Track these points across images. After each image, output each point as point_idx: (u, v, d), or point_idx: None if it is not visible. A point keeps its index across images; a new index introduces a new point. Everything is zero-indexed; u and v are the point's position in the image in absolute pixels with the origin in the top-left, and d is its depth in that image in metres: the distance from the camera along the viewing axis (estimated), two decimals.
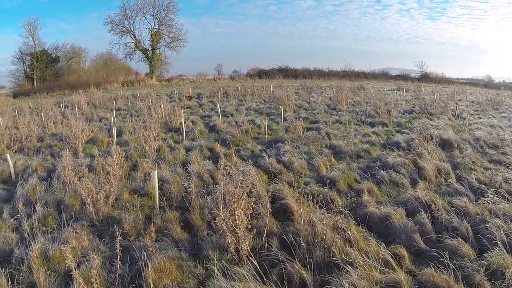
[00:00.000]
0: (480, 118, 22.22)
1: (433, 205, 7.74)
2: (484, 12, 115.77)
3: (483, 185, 9.22)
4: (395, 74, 75.41)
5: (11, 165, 11.79)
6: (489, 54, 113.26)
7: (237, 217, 6.06)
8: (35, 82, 65.00)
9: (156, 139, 13.35)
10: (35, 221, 7.60)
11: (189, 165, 10.81)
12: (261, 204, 7.61)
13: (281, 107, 20.33)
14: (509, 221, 7.04)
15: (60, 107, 32.75)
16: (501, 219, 7.09)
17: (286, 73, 67.51)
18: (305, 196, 7.70)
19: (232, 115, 21.82)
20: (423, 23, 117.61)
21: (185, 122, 17.27)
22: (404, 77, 72.01)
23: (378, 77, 71.47)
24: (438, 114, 21.78)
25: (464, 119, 19.20)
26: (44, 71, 66.55)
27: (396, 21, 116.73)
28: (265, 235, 6.64)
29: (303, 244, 6.17)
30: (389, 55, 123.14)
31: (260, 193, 7.77)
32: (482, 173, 10.45)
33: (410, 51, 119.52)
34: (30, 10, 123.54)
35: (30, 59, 66.63)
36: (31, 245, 6.56)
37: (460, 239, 6.44)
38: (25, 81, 66.06)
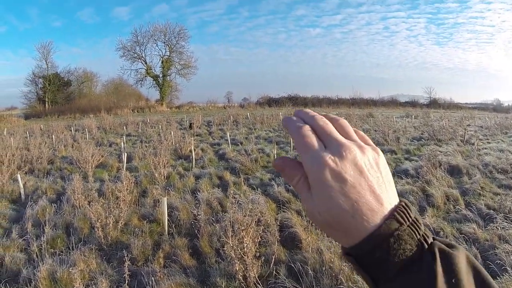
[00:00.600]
0: (489, 143, 22.25)
1: (441, 232, 7.78)
2: (491, 36, 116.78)
3: (492, 211, 9.21)
4: (404, 101, 75.90)
5: (21, 185, 11.92)
6: (497, 78, 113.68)
7: (245, 245, 6.11)
8: (46, 105, 66.01)
9: (166, 166, 13.46)
10: (43, 243, 7.68)
11: (198, 193, 10.85)
12: (270, 232, 7.65)
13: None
14: None
15: (70, 130, 33.12)
16: (510, 245, 7.05)
17: (295, 101, 68.07)
18: (313, 224, 7.71)
19: (241, 143, 21.88)
20: (431, 49, 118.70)
21: (194, 150, 17.39)
22: (413, 104, 72.41)
23: (387, 104, 71.86)
24: (447, 140, 21.80)
25: (473, 144, 19.26)
26: (56, 94, 67.70)
27: (405, 48, 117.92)
28: (273, 263, 6.65)
29: (310, 272, 6.18)
30: (398, 82, 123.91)
31: (268, 222, 7.84)
32: (491, 198, 10.43)
33: (419, 77, 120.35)
34: (44, 34, 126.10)
35: (43, 81, 67.94)
36: (39, 266, 6.63)
37: None
38: (37, 103, 67.20)
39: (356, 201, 0.64)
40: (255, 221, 6.51)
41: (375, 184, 0.67)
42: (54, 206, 10.11)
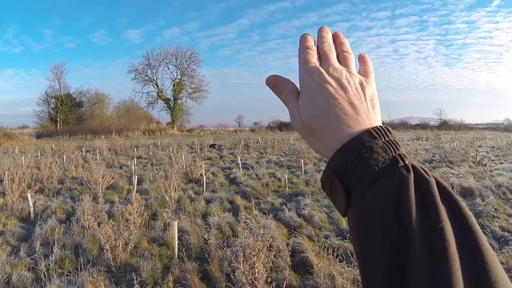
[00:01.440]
0: (502, 163, 22.19)
1: None
2: (499, 55, 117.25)
3: (506, 233, 9.13)
4: (414, 124, 76.18)
5: (31, 204, 11.96)
6: (507, 97, 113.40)
7: (256, 270, 6.05)
8: (58, 125, 66.78)
9: (176, 189, 13.43)
10: (51, 262, 7.69)
11: (209, 217, 10.83)
12: (281, 257, 7.61)
13: (302, 160, 20.40)
14: None
15: (81, 151, 33.31)
16: None
17: None
18: (325, 249, 7.68)
19: (252, 167, 21.88)
20: (441, 70, 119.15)
21: (205, 174, 17.37)
22: (423, 126, 72.58)
23: (397, 127, 72.05)
24: (458, 162, 21.66)
25: (485, 165, 19.11)
26: (68, 114, 68.59)
27: (414, 70, 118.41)
28: None
29: None
30: (408, 104, 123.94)
31: (280, 247, 7.77)
32: (506, 220, 10.35)
33: (429, 99, 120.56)
34: (57, 55, 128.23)
35: (55, 101, 68.96)
36: (46, 286, 6.62)
37: None
38: (49, 123, 68.01)
39: (333, 104, 0.72)
40: (267, 246, 6.46)
41: (354, 99, 0.74)
42: (64, 226, 10.11)
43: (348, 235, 8.95)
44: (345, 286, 6.20)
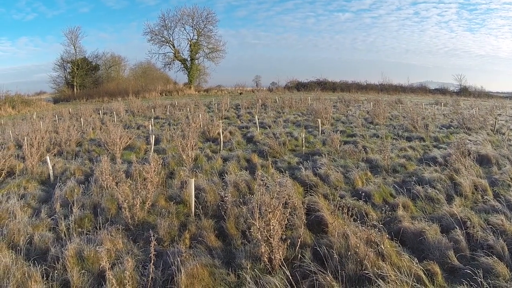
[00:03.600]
0: None
1: (468, 222, 7.58)
2: None
3: None
4: (433, 88, 74.78)
5: (50, 167, 12.21)
6: None
7: (272, 227, 6.12)
8: (75, 89, 67.06)
9: (193, 148, 13.54)
10: (71, 222, 7.91)
11: (226, 175, 10.94)
12: (296, 215, 7.68)
13: (319, 120, 20.43)
14: None
15: (99, 113, 33.67)
16: None
17: (324, 86, 67.62)
18: (340, 208, 7.69)
19: (270, 126, 21.99)
20: (463, 35, 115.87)
21: (223, 133, 17.46)
22: (442, 91, 71.28)
23: (416, 91, 70.97)
24: (477, 129, 21.37)
25: (504, 134, 18.89)
26: (84, 78, 68.66)
27: (435, 34, 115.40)
28: (298, 246, 6.68)
29: (336, 256, 6.17)
30: (427, 69, 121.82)
31: (295, 205, 7.83)
32: None
33: (449, 64, 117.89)
34: (71, 20, 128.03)
35: (71, 66, 69.00)
36: (66, 244, 6.79)
37: (496, 258, 6.28)
38: (66, 88, 68.24)
39: None
40: (282, 204, 6.51)
41: None
42: (82, 187, 10.34)
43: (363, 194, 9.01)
44: (358, 245, 6.24)
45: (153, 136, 16.24)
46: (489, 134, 19.82)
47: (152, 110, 33.59)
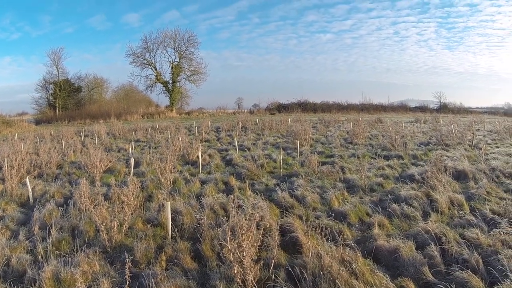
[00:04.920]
0: (498, 147, 22.24)
1: (443, 238, 7.74)
2: (502, 39, 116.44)
3: (497, 216, 9.21)
4: (413, 106, 76.07)
5: (30, 190, 12.19)
6: (509, 82, 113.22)
7: (244, 248, 6.23)
8: (57, 110, 66.72)
9: (172, 171, 13.60)
10: (49, 245, 7.90)
11: (203, 198, 11.02)
12: (271, 236, 7.78)
13: (298, 142, 20.59)
14: None
15: (80, 136, 33.51)
16: None
17: (305, 107, 68.40)
18: (314, 229, 7.81)
19: (249, 149, 22.12)
20: (442, 53, 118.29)
21: (202, 156, 17.56)
22: (422, 109, 72.60)
23: (396, 109, 72.00)
24: (455, 145, 21.86)
25: (481, 149, 19.20)
26: (67, 100, 68.39)
27: (415, 52, 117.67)
28: (272, 266, 6.77)
29: (309, 276, 6.30)
30: (408, 87, 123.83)
31: (269, 226, 7.95)
32: (497, 203, 10.40)
33: (429, 82, 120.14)
34: (56, 40, 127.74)
35: (53, 87, 68.80)
36: (43, 267, 6.83)
37: (470, 272, 6.41)
38: (48, 109, 67.91)
39: None
40: (255, 225, 6.62)
41: None
42: (61, 210, 10.38)
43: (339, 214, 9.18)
44: (331, 265, 6.38)
45: (133, 159, 16.29)
46: (466, 149, 20.24)
47: (133, 133, 33.55)
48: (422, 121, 40.79)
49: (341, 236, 7.99)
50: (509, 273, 6.23)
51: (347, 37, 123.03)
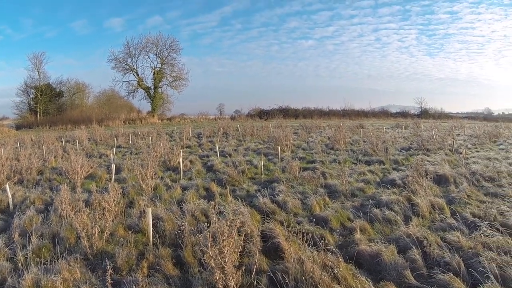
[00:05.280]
0: (478, 151, 22.79)
1: (425, 241, 7.85)
2: (481, 46, 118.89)
3: (477, 219, 9.36)
4: (395, 112, 77.04)
5: (10, 196, 12.01)
6: (488, 87, 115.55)
7: (225, 254, 6.25)
8: (38, 115, 65.95)
9: (153, 177, 13.56)
10: (29, 252, 7.79)
11: (184, 204, 10.96)
12: (252, 242, 7.80)
13: (279, 148, 20.66)
14: (503, 254, 7.17)
15: (61, 141, 33.12)
16: (494, 252, 7.23)
17: (286, 113, 68.64)
18: (296, 234, 7.86)
19: (230, 155, 22.09)
20: (423, 60, 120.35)
21: (183, 162, 17.51)
22: (403, 114, 73.53)
23: (378, 115, 72.78)
24: (435, 149, 22.22)
25: (461, 153, 19.54)
26: (48, 104, 67.67)
27: (396, 59, 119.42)
28: (254, 272, 6.81)
29: (291, 281, 6.34)
30: (389, 93, 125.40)
31: (250, 232, 7.98)
32: (477, 206, 10.60)
33: (410, 88, 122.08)
34: (37, 44, 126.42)
35: (35, 92, 68.05)
36: (23, 274, 6.75)
37: (452, 274, 6.51)
38: (29, 114, 67.12)
39: None
40: (236, 231, 6.64)
41: None
42: (42, 216, 10.24)
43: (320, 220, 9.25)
44: (313, 270, 6.42)
45: (114, 165, 16.19)
46: (447, 154, 20.62)
47: (115, 138, 33.32)
48: (403, 126, 41.33)
49: (323, 241, 8.02)
50: (490, 275, 6.33)
51: (329, 43, 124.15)
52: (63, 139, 34.42)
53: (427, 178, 12.72)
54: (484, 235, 8.01)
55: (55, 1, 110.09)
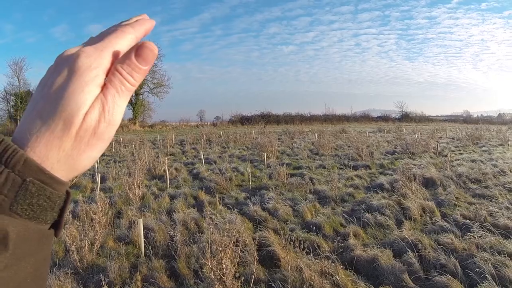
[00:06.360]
0: (461, 154, 23.01)
1: (419, 244, 7.82)
2: (459, 50, 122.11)
3: (468, 220, 9.35)
4: (376, 116, 78.00)
5: None
6: (466, 90, 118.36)
7: (224, 266, 6.03)
8: (18, 123, 64.55)
9: (140, 186, 13.24)
10: None
11: (174, 213, 10.68)
12: (248, 252, 7.60)
13: (264, 154, 20.47)
14: (496, 254, 7.22)
15: None
16: (488, 252, 7.26)
17: (268, 119, 68.87)
18: (291, 242, 7.71)
19: (215, 162, 21.81)
20: (402, 64, 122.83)
21: (168, 170, 17.20)
22: (385, 118, 74.56)
23: (359, 119, 73.69)
24: (420, 153, 22.29)
25: (446, 156, 19.69)
26: None
27: (376, 63, 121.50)
28: (252, 282, 6.59)
29: None
30: (370, 97, 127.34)
31: (246, 241, 7.78)
32: (467, 208, 10.65)
33: (391, 92, 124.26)
34: (18, 50, 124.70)
35: (15, 99, 66.82)
36: None
37: (449, 276, 6.49)
38: (8, 121, 65.92)
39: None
40: (233, 242, 6.44)
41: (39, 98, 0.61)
42: None
43: (313, 226, 9.11)
44: (312, 278, 6.26)
45: (99, 174, 15.80)
46: (432, 157, 20.70)
47: None
48: (385, 130, 41.72)
49: (320, 248, 7.89)
50: (487, 275, 6.33)
51: (309, 48, 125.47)
52: None
53: (415, 181, 12.73)
54: (477, 236, 8.06)
55: (36, 6, 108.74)
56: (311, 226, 9.18)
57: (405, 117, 75.34)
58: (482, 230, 8.35)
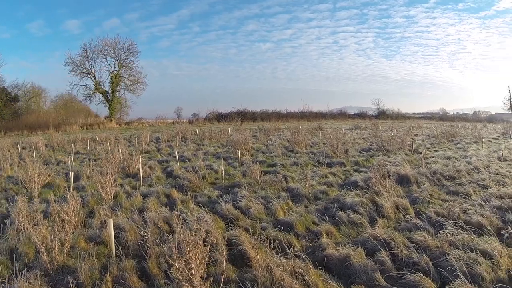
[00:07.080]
0: (436, 151, 23.55)
1: (392, 242, 7.83)
2: (436, 49, 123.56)
3: (441, 218, 9.47)
4: (353, 113, 78.71)
5: None
6: (443, 88, 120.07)
7: (192, 266, 6.00)
8: None
9: (113, 185, 13.08)
10: None
11: (146, 212, 10.58)
12: (218, 251, 7.58)
13: (238, 152, 20.46)
14: (469, 251, 7.29)
15: (17, 148, 31.79)
16: (460, 250, 7.37)
17: (244, 116, 68.76)
18: (262, 241, 7.65)
19: (190, 160, 21.69)
20: (379, 62, 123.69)
21: (142, 168, 17.07)
22: (361, 116, 75.15)
23: (336, 116, 74.01)
24: (395, 150, 22.67)
25: (421, 153, 19.99)
26: (3, 109, 64.77)
27: (353, 61, 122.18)
28: (222, 282, 6.58)
29: None
30: (347, 95, 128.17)
31: (215, 240, 7.75)
32: (440, 205, 10.77)
33: (368, 89, 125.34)
34: None
35: None
36: None
37: (421, 274, 6.54)
38: None
39: None
40: (202, 241, 6.40)
41: None
42: None
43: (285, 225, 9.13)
44: (283, 277, 6.28)
45: (72, 173, 15.57)
46: (407, 154, 21.11)
47: (73, 144, 32.22)
48: (362, 127, 42.06)
49: (291, 247, 7.91)
50: (459, 273, 6.40)
51: (287, 46, 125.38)
52: (19, 145, 33.02)
53: (389, 179, 12.83)
54: (449, 234, 8.10)
55: (11, 1, 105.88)
56: (283, 225, 9.20)
57: (382, 115, 75.99)
58: (455, 228, 8.41)
